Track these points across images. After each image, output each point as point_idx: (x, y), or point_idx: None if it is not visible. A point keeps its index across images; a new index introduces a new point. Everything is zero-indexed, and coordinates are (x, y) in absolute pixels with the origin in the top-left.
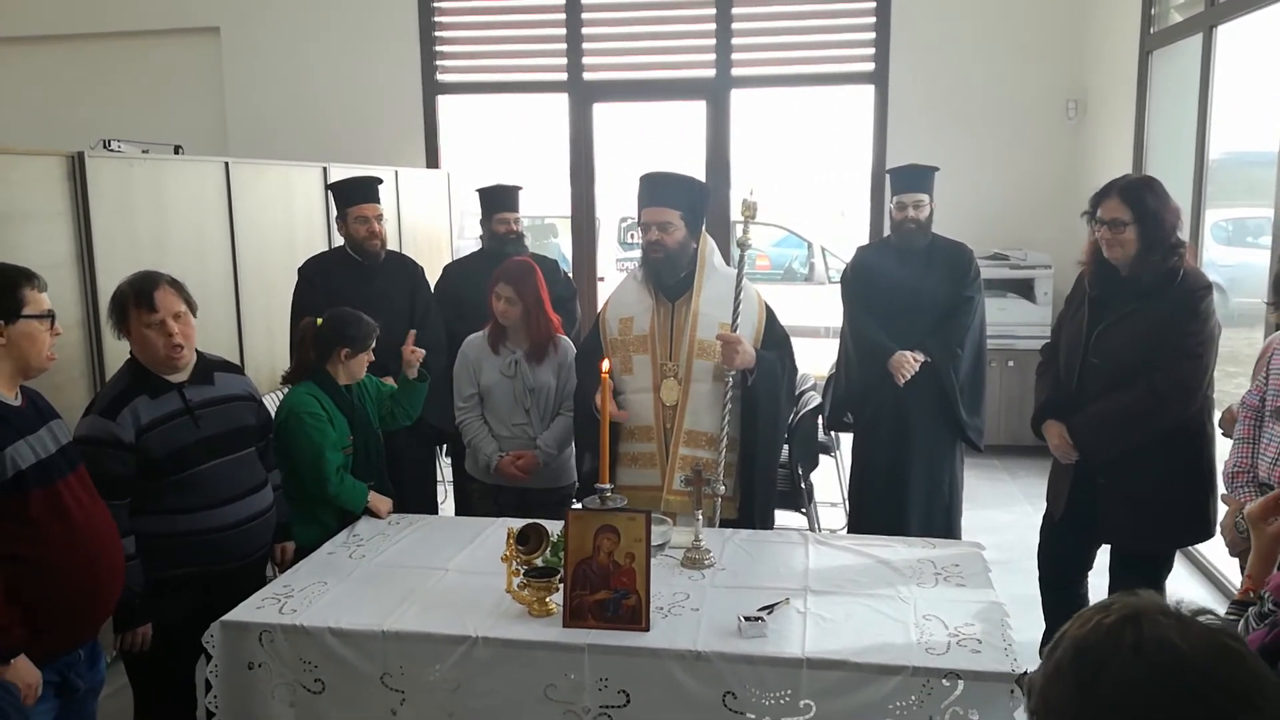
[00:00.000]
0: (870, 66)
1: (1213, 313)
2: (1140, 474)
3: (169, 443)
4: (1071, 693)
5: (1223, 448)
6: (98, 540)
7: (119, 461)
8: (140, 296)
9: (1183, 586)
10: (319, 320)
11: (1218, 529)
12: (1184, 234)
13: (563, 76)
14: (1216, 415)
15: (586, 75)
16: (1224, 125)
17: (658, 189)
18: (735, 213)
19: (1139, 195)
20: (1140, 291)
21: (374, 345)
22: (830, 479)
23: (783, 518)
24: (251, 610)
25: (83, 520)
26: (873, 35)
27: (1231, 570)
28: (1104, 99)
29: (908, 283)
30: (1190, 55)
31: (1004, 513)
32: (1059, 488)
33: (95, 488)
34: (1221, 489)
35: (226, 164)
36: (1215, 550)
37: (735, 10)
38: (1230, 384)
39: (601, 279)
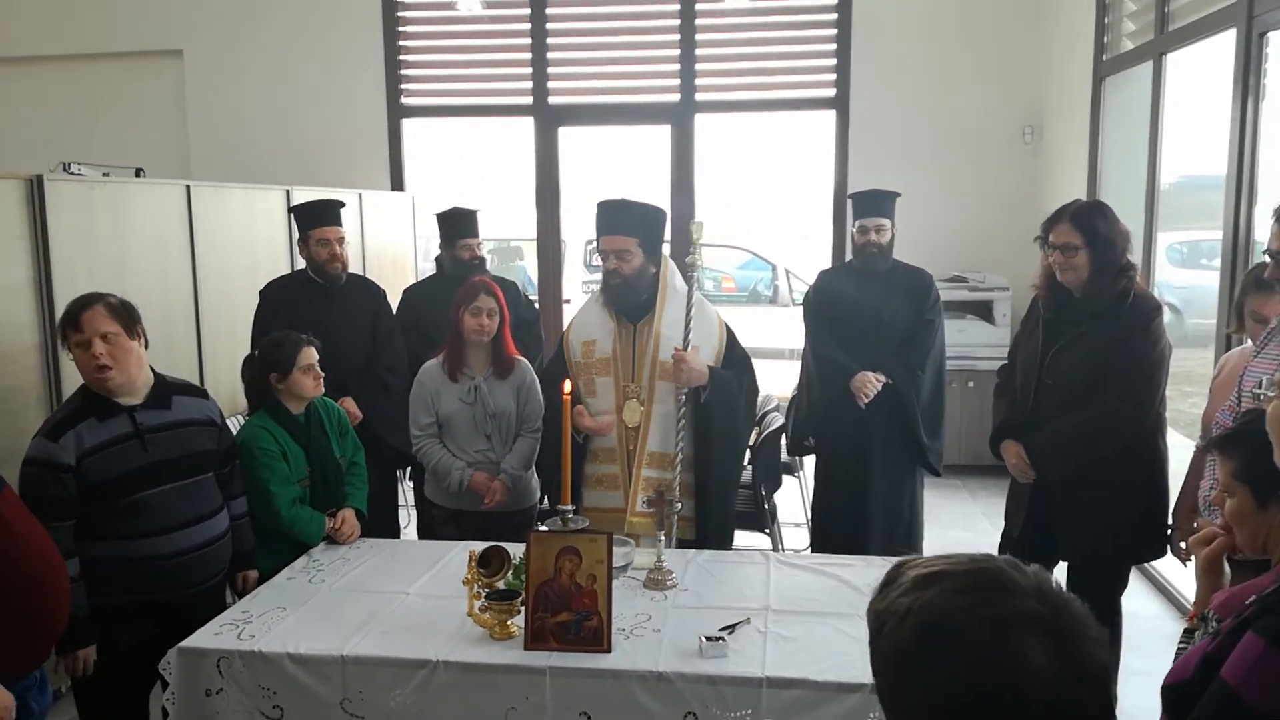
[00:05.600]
0: (831, 92)
1: (1163, 333)
2: (1096, 492)
3: (112, 467)
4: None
5: (1176, 467)
6: (43, 558)
7: (59, 484)
8: (69, 316)
9: (1138, 602)
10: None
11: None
12: (1135, 257)
13: (528, 100)
14: (1169, 434)
15: (552, 99)
16: (1177, 150)
17: (613, 217)
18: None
19: (1090, 220)
20: (1092, 313)
21: (316, 360)
22: (794, 499)
23: (747, 538)
24: (209, 636)
25: (25, 537)
26: (834, 61)
27: (1186, 586)
28: (1059, 124)
29: (869, 305)
30: (1141, 82)
31: (965, 532)
32: (1017, 506)
33: (37, 509)
34: (1176, 515)
35: (188, 187)
36: (1170, 566)
37: (699, 36)
38: (1186, 403)
39: (567, 301)
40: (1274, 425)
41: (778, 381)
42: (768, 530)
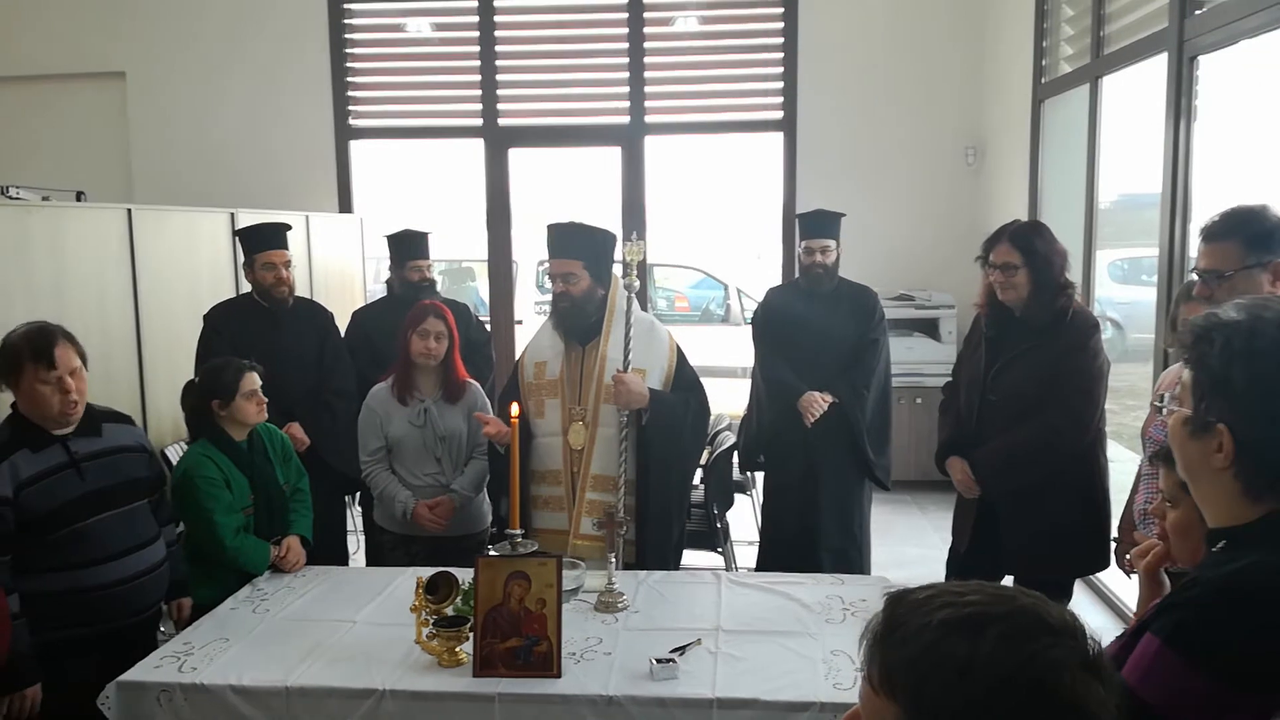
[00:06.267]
0: (779, 114)
1: (1101, 349)
2: (1038, 506)
3: (51, 498)
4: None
5: (1118, 479)
6: None
7: None
8: (39, 353)
9: (1084, 614)
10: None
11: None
12: (1074, 275)
13: (478, 122)
14: (1111, 447)
15: (502, 121)
16: (1115, 169)
17: (560, 241)
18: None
19: (1028, 240)
20: (1033, 331)
21: (259, 386)
22: (747, 517)
23: (700, 557)
24: (149, 669)
25: None
26: (781, 84)
27: (1130, 597)
28: (1000, 146)
29: (815, 324)
30: (1079, 104)
31: (915, 547)
32: (963, 521)
33: None
34: (1121, 529)
35: (129, 210)
36: (1114, 578)
37: (648, 59)
38: (1129, 416)
39: (519, 322)
40: (1174, 437)
41: (730, 400)
42: (721, 549)
